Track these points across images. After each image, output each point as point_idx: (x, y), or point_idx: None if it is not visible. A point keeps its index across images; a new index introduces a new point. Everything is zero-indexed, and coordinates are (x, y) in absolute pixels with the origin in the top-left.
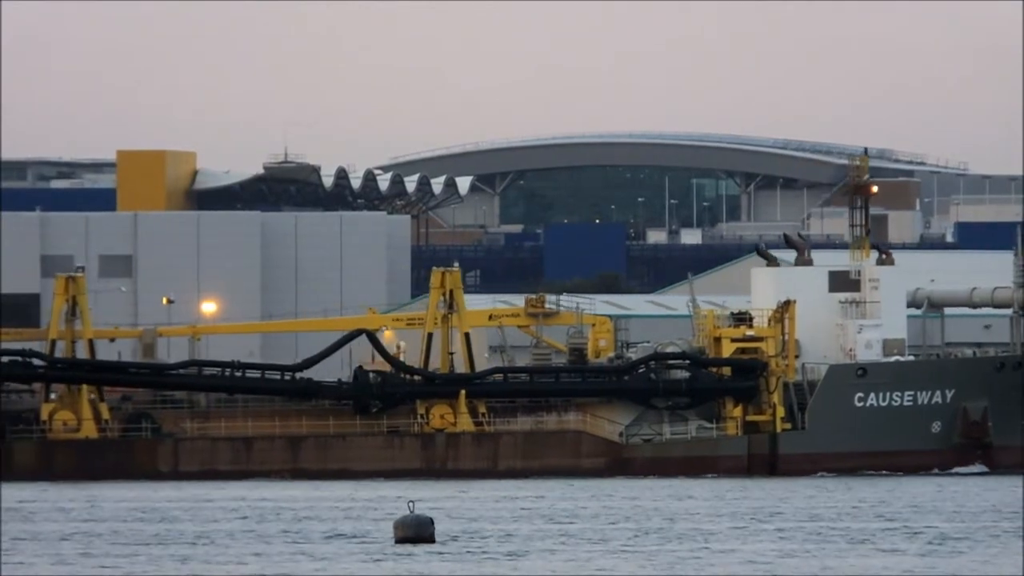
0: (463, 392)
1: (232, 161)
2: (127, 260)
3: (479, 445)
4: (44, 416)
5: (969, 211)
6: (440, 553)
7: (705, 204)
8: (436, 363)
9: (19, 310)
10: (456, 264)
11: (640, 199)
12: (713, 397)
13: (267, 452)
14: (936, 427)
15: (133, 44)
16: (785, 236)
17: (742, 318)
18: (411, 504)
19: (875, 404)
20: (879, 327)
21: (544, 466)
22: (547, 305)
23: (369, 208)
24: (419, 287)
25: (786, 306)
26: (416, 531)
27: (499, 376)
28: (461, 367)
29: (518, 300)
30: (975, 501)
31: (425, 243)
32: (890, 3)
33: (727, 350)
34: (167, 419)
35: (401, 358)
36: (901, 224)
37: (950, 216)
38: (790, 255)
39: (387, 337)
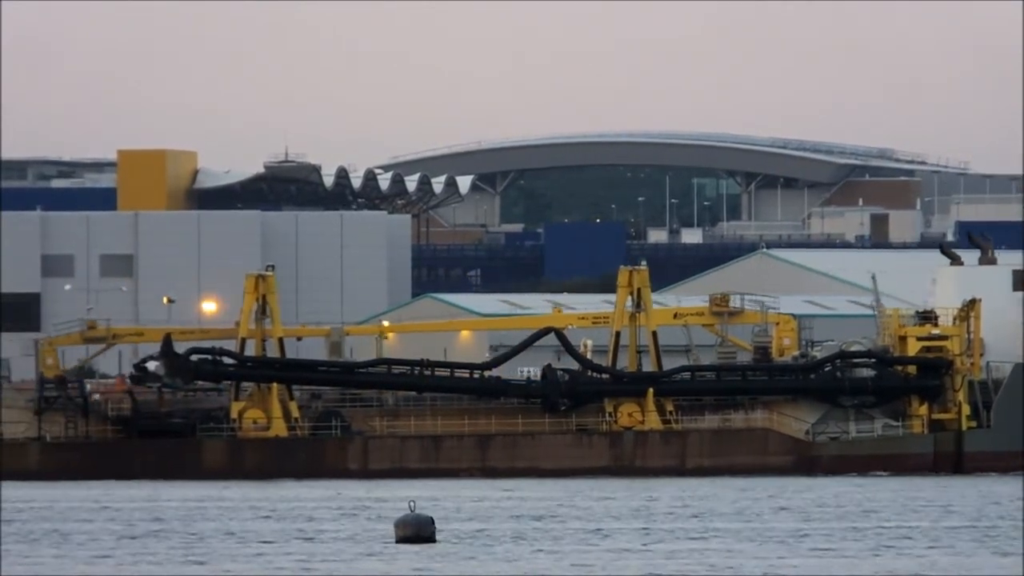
0: (651, 390)
1: (232, 161)
2: (127, 260)
3: (667, 443)
4: (234, 414)
5: (970, 210)
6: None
7: (706, 203)
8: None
9: (20, 310)
10: (643, 262)
11: (640, 198)
12: (899, 395)
13: (456, 450)
14: None
15: (134, 44)
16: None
17: (927, 317)
18: (412, 503)
19: None
20: None
21: (732, 464)
22: (731, 304)
23: (369, 208)
24: (419, 286)
25: (971, 304)
26: (416, 531)
27: (687, 374)
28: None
29: (519, 299)
30: None
31: (426, 242)
32: (890, 3)
33: (912, 349)
34: (356, 417)
35: (588, 356)
36: (902, 223)
37: (951, 215)
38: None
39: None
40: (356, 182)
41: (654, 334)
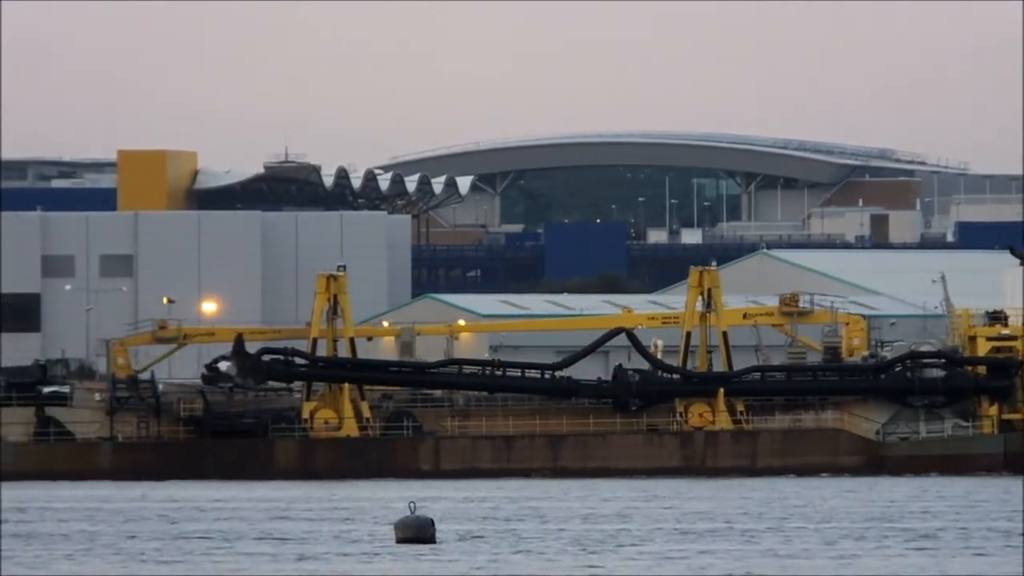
0: (721, 390)
1: (232, 161)
2: (127, 260)
3: (738, 443)
4: (305, 415)
5: (969, 211)
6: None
7: (705, 204)
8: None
9: (20, 310)
10: (714, 263)
11: (640, 199)
12: (969, 396)
13: (527, 450)
14: None
15: (134, 44)
16: None
17: (997, 317)
18: (411, 504)
19: None
20: None
21: (802, 464)
22: (801, 304)
23: (369, 208)
24: (419, 287)
25: None
26: (416, 532)
27: (757, 375)
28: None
29: (519, 300)
30: None
31: (425, 243)
32: (890, 3)
33: (982, 349)
34: (428, 418)
35: (658, 356)
36: (902, 224)
37: (950, 216)
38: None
39: None
40: (356, 182)
41: (724, 334)
